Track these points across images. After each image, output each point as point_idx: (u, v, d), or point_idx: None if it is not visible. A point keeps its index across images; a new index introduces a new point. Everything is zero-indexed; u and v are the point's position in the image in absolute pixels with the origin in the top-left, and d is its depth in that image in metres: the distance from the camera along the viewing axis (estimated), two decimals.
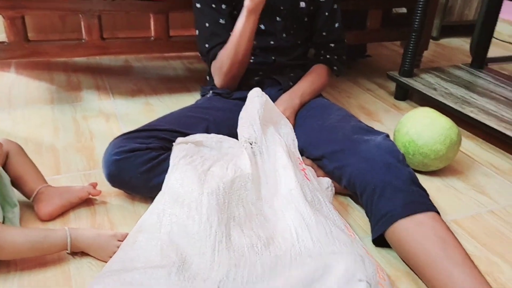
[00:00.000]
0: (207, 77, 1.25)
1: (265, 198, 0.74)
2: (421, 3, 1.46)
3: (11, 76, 1.60)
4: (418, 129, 1.11)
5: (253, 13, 1.02)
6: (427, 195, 0.87)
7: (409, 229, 0.80)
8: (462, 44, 2.38)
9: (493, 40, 2.41)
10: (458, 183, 1.13)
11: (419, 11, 1.47)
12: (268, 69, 1.20)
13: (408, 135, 1.12)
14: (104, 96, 1.53)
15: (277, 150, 0.78)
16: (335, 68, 1.25)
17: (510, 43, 2.38)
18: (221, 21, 1.13)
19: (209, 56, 1.15)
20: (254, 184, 0.74)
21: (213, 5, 1.12)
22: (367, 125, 1.03)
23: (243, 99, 1.13)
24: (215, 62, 1.14)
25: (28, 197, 0.93)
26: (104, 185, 1.00)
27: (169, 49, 1.44)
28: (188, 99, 1.54)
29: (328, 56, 1.25)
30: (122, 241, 0.78)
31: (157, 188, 0.89)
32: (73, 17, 1.30)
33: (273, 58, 1.19)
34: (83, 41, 1.33)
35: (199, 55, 1.20)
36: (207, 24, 1.13)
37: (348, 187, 0.96)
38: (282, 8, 1.15)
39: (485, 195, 1.08)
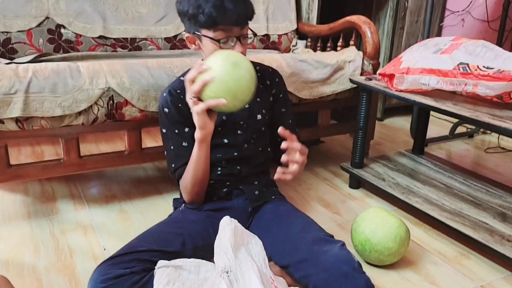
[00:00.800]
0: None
1: None
2: (363, 104, 1.68)
3: None
4: (371, 228, 1.26)
5: (203, 142, 1.16)
6: None
7: None
8: (404, 123, 2.66)
9: (431, 118, 2.71)
10: (412, 275, 1.27)
11: (362, 113, 1.69)
12: (234, 179, 1.30)
13: (364, 234, 1.27)
14: (80, 206, 1.60)
15: (251, 277, 0.89)
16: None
17: (445, 119, 2.68)
18: (184, 144, 1.23)
19: (176, 175, 1.26)
20: None
21: (176, 131, 1.24)
22: (325, 234, 1.14)
23: (214, 210, 1.26)
24: (181, 181, 1.26)
25: None
26: None
27: (142, 160, 1.56)
28: (160, 202, 1.64)
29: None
30: None
31: None
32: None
33: (238, 168, 1.31)
34: (61, 161, 1.42)
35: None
36: (172, 147, 1.25)
37: None
38: (241, 122, 1.28)
39: (436, 286, 1.23)
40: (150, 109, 1.45)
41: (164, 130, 1.26)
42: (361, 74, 1.80)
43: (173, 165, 1.26)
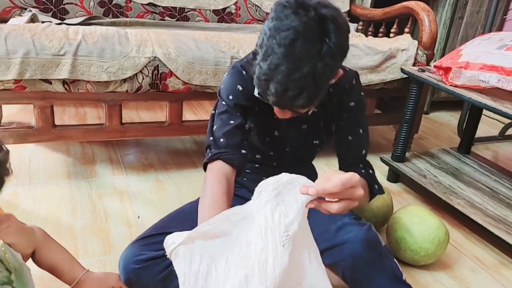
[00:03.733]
0: None
1: None
2: (412, 96, 1.61)
3: (30, 148, 1.70)
4: (408, 227, 1.21)
5: None
6: None
7: None
8: (450, 119, 2.54)
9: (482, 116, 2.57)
10: (446, 278, 1.22)
11: (410, 105, 1.62)
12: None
13: (400, 231, 1.22)
14: (117, 171, 1.62)
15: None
16: (376, 186, 1.07)
17: (495, 119, 2.55)
18: (231, 122, 1.03)
19: (219, 152, 1.03)
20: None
21: (239, 113, 1.04)
22: (352, 217, 1.07)
23: (246, 199, 1.20)
24: (208, 172, 1.02)
25: (68, 284, 0.97)
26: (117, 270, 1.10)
27: (181, 132, 1.56)
28: (195, 176, 1.64)
29: (369, 171, 1.09)
30: None
31: None
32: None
33: (278, 170, 1.20)
34: (103, 126, 1.44)
35: (206, 140, 1.08)
36: (231, 122, 1.03)
37: (344, 281, 1.05)
38: (293, 143, 1.13)
39: None
40: (193, 82, 1.43)
41: (222, 108, 1.05)
42: (414, 65, 1.71)
43: (222, 140, 1.02)
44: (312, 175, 1.31)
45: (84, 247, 1.21)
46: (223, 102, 1.06)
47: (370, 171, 1.10)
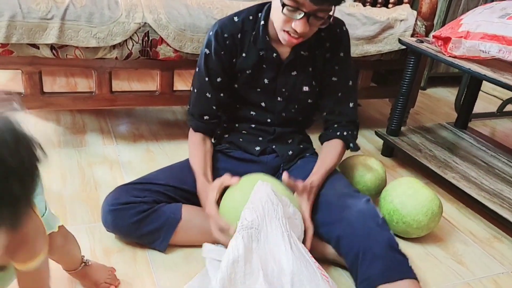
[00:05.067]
0: None
1: None
2: (409, 68, 1.57)
3: (20, 117, 1.66)
4: (402, 199, 1.20)
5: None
6: (407, 260, 0.96)
7: None
8: (448, 95, 2.51)
9: (480, 93, 2.54)
10: (438, 251, 1.22)
11: (407, 77, 1.58)
12: (268, 138, 1.23)
13: (393, 203, 1.21)
14: (108, 141, 1.60)
15: (277, 239, 0.86)
16: (351, 145, 1.22)
17: (493, 96, 2.52)
18: (208, 94, 1.16)
19: (188, 118, 1.22)
20: None
21: (207, 78, 1.14)
22: (351, 190, 1.12)
23: (242, 160, 1.23)
24: (190, 134, 1.22)
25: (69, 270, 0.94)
26: (109, 240, 1.09)
27: (172, 102, 1.53)
28: (186, 147, 1.59)
29: (344, 133, 1.21)
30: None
31: (146, 236, 1.06)
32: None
33: (272, 128, 1.23)
34: (93, 94, 1.41)
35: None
36: (195, 90, 1.18)
37: (336, 250, 1.05)
38: (283, 90, 1.17)
39: (463, 265, 1.17)
40: (185, 50, 1.40)
41: (197, 69, 1.19)
42: (412, 36, 1.67)
43: (189, 106, 1.22)
44: (309, 144, 1.30)
45: (73, 214, 1.20)
46: (197, 68, 1.17)
47: (355, 132, 1.24)
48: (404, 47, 1.62)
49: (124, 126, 1.73)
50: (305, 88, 1.18)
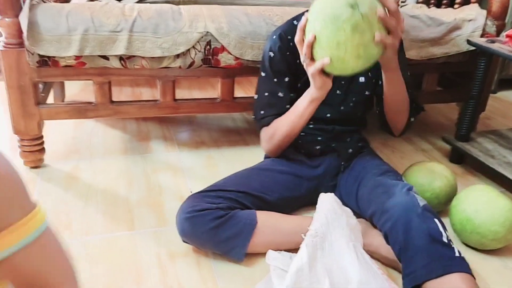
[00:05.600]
0: None
1: None
2: (480, 70, 1.49)
3: (90, 124, 1.76)
4: (476, 207, 1.13)
5: (316, 101, 1.10)
6: (453, 252, 0.89)
7: None
8: None
9: None
10: None
11: (478, 79, 1.50)
12: (327, 136, 1.27)
13: (465, 212, 1.14)
14: (171, 148, 1.65)
15: (341, 247, 0.84)
16: (414, 105, 1.21)
17: None
18: (280, 94, 1.21)
19: (262, 122, 1.24)
20: None
21: (275, 79, 1.20)
22: (391, 177, 1.10)
23: (304, 163, 1.25)
24: (266, 128, 1.23)
25: None
26: (174, 245, 1.11)
27: (232, 108, 1.55)
28: (246, 153, 1.63)
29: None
30: None
31: (224, 243, 1.05)
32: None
33: (331, 125, 1.26)
34: (158, 102, 1.46)
35: (252, 116, 1.30)
36: (266, 94, 1.22)
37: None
38: (343, 82, 1.21)
39: None
40: (245, 57, 1.41)
41: (263, 74, 1.23)
42: (482, 36, 1.58)
43: (262, 112, 1.23)
44: (365, 143, 1.31)
45: (140, 219, 1.24)
46: (263, 72, 1.20)
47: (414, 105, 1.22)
48: (472, 48, 1.53)
49: (186, 133, 1.78)
50: (361, 79, 1.22)
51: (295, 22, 1.18)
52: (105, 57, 1.33)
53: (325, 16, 0.91)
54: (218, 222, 1.03)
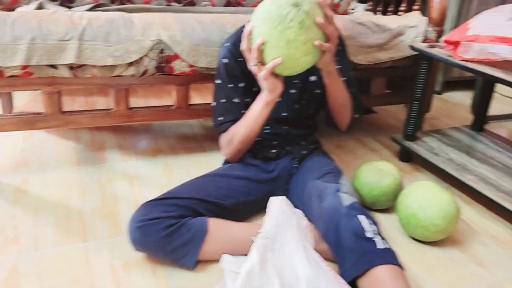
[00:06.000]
0: None
1: None
2: (422, 74, 1.58)
3: (41, 136, 1.72)
4: (420, 203, 1.19)
5: (270, 104, 1.13)
6: (374, 245, 0.92)
7: (364, 285, 0.90)
8: (464, 99, 2.49)
9: (496, 95, 2.52)
10: (458, 254, 1.20)
11: (420, 82, 1.58)
12: (282, 140, 1.31)
13: (410, 208, 1.20)
14: (127, 157, 1.63)
15: (292, 248, 0.87)
16: (357, 102, 1.28)
17: (509, 97, 2.48)
18: (236, 100, 1.24)
19: (220, 128, 1.27)
20: None
21: (231, 85, 1.23)
22: (329, 179, 1.15)
23: (259, 167, 1.29)
24: (225, 134, 1.26)
25: None
26: (128, 254, 1.11)
27: (188, 115, 1.56)
28: (203, 160, 1.64)
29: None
30: None
31: (176, 251, 1.05)
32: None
33: (286, 128, 1.30)
34: (111, 111, 1.45)
35: (211, 123, 1.32)
36: (222, 100, 1.25)
37: None
38: (297, 81, 1.26)
39: (484, 268, 1.16)
40: (199, 64, 1.43)
41: (219, 81, 1.25)
42: (423, 42, 1.68)
43: (220, 118, 1.26)
44: (318, 144, 1.37)
45: (93, 230, 1.22)
46: (219, 79, 1.22)
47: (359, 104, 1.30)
48: (415, 53, 1.62)
49: (142, 141, 1.77)
50: (312, 78, 1.26)
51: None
52: (54, 66, 1.31)
53: (271, 18, 0.95)
54: (169, 231, 1.03)
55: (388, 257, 0.91)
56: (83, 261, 1.11)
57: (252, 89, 1.24)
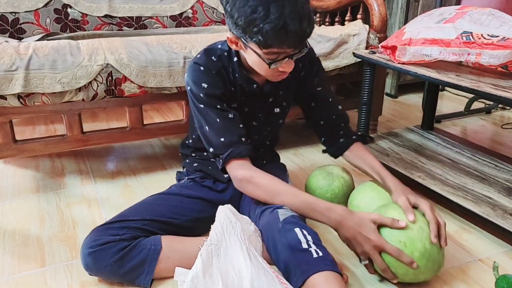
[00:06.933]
0: (185, 160, 1.37)
1: None
2: (367, 78, 1.65)
3: None
4: (366, 202, 1.24)
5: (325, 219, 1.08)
6: (310, 255, 0.93)
7: None
8: (419, 100, 2.58)
9: (447, 94, 2.63)
10: None
11: (366, 87, 1.66)
12: None
13: (358, 208, 1.25)
14: (86, 181, 1.65)
15: (236, 252, 0.90)
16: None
17: (463, 96, 2.60)
18: (230, 115, 1.13)
19: (231, 154, 1.11)
20: None
21: (218, 106, 1.12)
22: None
23: (213, 189, 1.28)
24: (245, 170, 1.11)
25: None
26: (86, 275, 1.12)
27: (143, 136, 1.59)
28: (164, 177, 1.67)
29: (353, 136, 1.32)
30: None
31: (130, 273, 1.05)
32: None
33: None
34: (65, 137, 1.47)
35: (210, 150, 1.15)
36: (217, 120, 1.12)
37: None
38: (260, 115, 1.23)
39: None
40: (149, 85, 1.47)
41: (201, 106, 1.12)
42: (367, 48, 1.76)
43: (222, 139, 1.11)
44: (275, 157, 1.38)
45: (51, 255, 1.23)
46: (202, 105, 1.13)
47: (352, 131, 1.34)
48: (359, 59, 1.70)
49: (102, 164, 1.79)
50: (276, 110, 1.26)
51: (213, 57, 1.14)
52: (2, 97, 1.33)
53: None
54: (121, 254, 1.03)
55: (324, 264, 0.91)
56: (41, 285, 1.11)
57: (232, 105, 1.17)
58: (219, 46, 1.17)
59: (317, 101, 1.30)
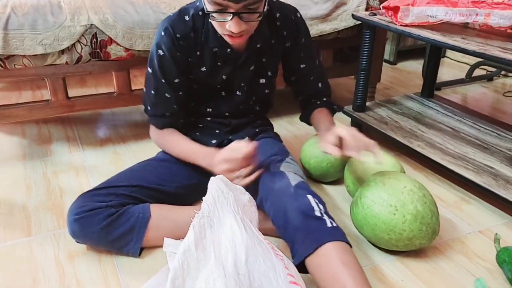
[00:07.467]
0: None
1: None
2: (366, 43, 1.57)
3: None
4: (363, 166, 1.20)
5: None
6: (324, 223, 0.91)
7: (314, 263, 0.88)
8: (418, 67, 2.51)
9: (448, 61, 2.56)
10: None
11: (365, 52, 1.58)
12: (225, 130, 1.24)
13: (355, 173, 1.21)
14: (74, 148, 1.59)
15: (230, 222, 0.85)
16: (335, 107, 1.28)
17: (464, 63, 2.52)
18: (167, 95, 1.14)
19: (152, 121, 1.20)
20: None
21: (163, 80, 1.11)
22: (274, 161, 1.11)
23: None
24: (157, 132, 1.21)
25: None
26: (74, 244, 1.08)
27: (132, 102, 1.52)
28: (153, 145, 1.56)
29: (324, 99, 1.27)
30: None
31: (118, 241, 1.03)
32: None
33: (229, 120, 1.23)
34: (49, 102, 1.40)
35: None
36: (152, 92, 1.14)
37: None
38: (242, 84, 1.17)
39: None
40: (136, 47, 1.39)
41: (150, 70, 1.13)
42: (367, 10, 1.67)
43: (149, 108, 1.18)
44: (268, 126, 1.30)
45: (38, 224, 1.19)
46: (151, 69, 1.13)
47: (329, 98, 1.29)
48: (359, 22, 1.61)
49: (90, 132, 1.73)
50: (262, 81, 1.19)
51: (186, 17, 1.08)
52: None
53: None
54: (109, 221, 1.01)
55: (337, 234, 0.90)
56: (27, 255, 1.08)
57: (190, 85, 1.16)
58: (197, 4, 1.09)
59: (298, 78, 1.25)
